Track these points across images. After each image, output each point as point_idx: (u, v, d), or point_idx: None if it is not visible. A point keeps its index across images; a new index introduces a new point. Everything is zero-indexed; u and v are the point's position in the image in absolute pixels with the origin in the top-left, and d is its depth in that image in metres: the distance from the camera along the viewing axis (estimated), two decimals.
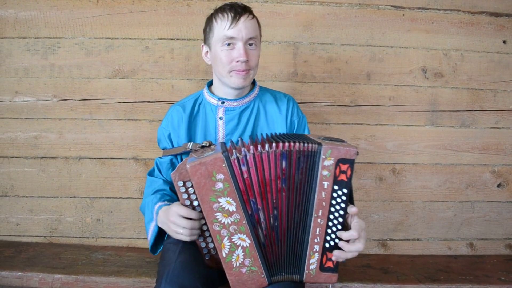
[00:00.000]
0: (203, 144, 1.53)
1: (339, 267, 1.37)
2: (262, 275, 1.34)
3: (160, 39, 2.09)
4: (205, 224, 1.40)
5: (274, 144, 1.30)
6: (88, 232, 2.13)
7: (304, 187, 1.33)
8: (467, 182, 2.19)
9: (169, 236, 1.56)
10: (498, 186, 2.20)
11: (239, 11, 1.55)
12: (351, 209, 1.32)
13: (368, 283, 1.71)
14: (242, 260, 1.33)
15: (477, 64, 2.17)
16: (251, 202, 1.32)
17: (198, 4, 2.06)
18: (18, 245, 2.04)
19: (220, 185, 1.28)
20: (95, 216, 2.13)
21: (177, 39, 2.09)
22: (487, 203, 2.21)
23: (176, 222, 1.38)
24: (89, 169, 2.11)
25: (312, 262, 1.35)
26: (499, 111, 2.18)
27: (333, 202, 1.31)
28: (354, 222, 1.33)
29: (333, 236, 1.34)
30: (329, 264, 1.35)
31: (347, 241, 1.33)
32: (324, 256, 1.35)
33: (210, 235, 1.41)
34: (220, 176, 1.28)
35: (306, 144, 1.30)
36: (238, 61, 1.54)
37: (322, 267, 1.35)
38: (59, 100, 2.10)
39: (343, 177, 1.30)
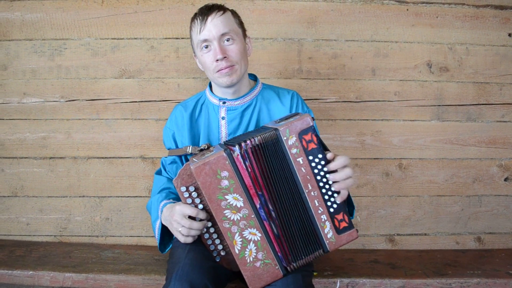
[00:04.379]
0: (201, 148, 1.55)
1: (347, 263, 1.39)
2: (276, 267, 1.37)
3: (165, 38, 2.10)
4: (212, 226, 1.42)
5: (253, 140, 1.34)
6: (98, 231, 2.16)
7: (285, 172, 1.36)
8: (474, 176, 2.19)
9: None
10: (506, 180, 2.20)
11: (205, 12, 1.58)
12: (328, 155, 1.38)
13: (376, 279, 1.71)
14: (255, 254, 1.35)
15: (482, 58, 2.16)
16: (259, 195, 1.35)
17: (202, 3, 2.03)
18: (28, 245, 2.07)
19: (225, 183, 1.31)
20: (104, 215, 2.15)
21: (182, 38, 2.10)
22: (495, 197, 2.20)
23: (178, 221, 1.41)
24: (97, 169, 2.13)
25: (327, 231, 1.38)
26: (505, 104, 2.17)
27: (316, 171, 1.36)
28: (336, 158, 1.38)
29: (332, 200, 1.39)
30: (343, 224, 1.40)
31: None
32: (335, 220, 1.39)
33: (218, 237, 1.43)
34: (225, 173, 1.31)
35: (266, 134, 1.35)
36: (217, 60, 1.56)
37: (338, 231, 1.39)
38: (66, 101, 2.12)
39: (312, 145, 1.35)
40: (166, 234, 1.60)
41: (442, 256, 2.01)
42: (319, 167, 1.36)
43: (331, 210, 1.38)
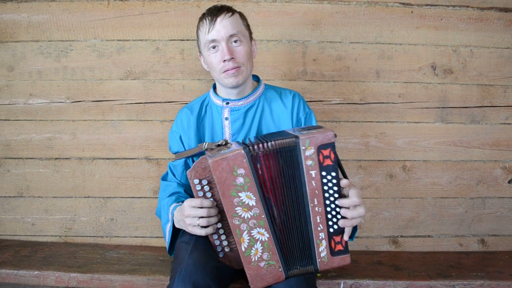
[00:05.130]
0: (219, 143, 1.53)
1: (351, 264, 1.40)
2: (280, 269, 1.37)
3: (171, 40, 2.11)
4: (220, 221, 1.42)
5: (271, 143, 1.34)
6: (102, 231, 2.17)
7: (295, 181, 1.37)
8: (477, 179, 2.19)
9: (182, 235, 1.59)
10: (510, 182, 2.20)
11: (214, 12, 1.58)
12: (343, 182, 1.36)
13: (379, 280, 1.71)
14: (260, 254, 1.36)
15: (486, 60, 2.16)
16: (267, 198, 1.35)
17: (207, 5, 2.05)
18: (34, 245, 2.08)
19: (240, 180, 1.32)
20: (109, 216, 2.16)
21: (187, 40, 2.11)
22: (498, 199, 2.20)
23: (191, 214, 1.40)
24: (102, 169, 2.15)
25: (322, 249, 1.38)
26: (509, 106, 2.17)
27: (325, 188, 1.35)
28: (350, 191, 1.36)
29: (334, 220, 1.37)
30: (339, 247, 1.39)
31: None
32: (332, 241, 1.38)
33: (224, 233, 1.44)
34: (241, 171, 1.31)
35: (285, 140, 1.34)
36: (225, 60, 1.57)
37: (332, 252, 1.39)
38: (72, 102, 2.13)
39: (328, 161, 1.34)
40: (176, 237, 1.61)
41: (445, 258, 2.00)
42: (330, 184, 1.35)
43: (331, 230, 1.38)
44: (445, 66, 2.15)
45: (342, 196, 1.38)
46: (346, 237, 1.38)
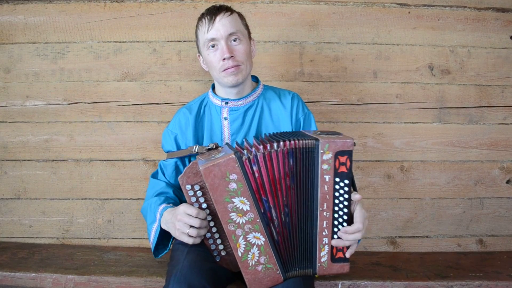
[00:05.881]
0: (209, 147, 1.53)
1: (351, 266, 1.41)
2: (278, 272, 1.37)
3: (168, 41, 2.11)
4: (215, 226, 1.42)
5: (281, 143, 1.33)
6: (100, 233, 2.16)
7: (307, 183, 1.35)
8: (475, 179, 2.19)
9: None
10: (507, 182, 2.19)
11: (213, 11, 1.59)
12: (355, 196, 1.36)
13: (377, 281, 1.71)
14: (257, 258, 1.35)
15: (484, 60, 2.16)
16: (263, 201, 1.34)
17: (204, 6, 2.05)
18: (31, 247, 2.08)
19: (233, 185, 1.31)
20: (106, 217, 2.16)
21: (184, 41, 2.11)
22: (496, 199, 2.20)
23: (184, 220, 1.37)
24: (99, 171, 2.14)
25: (323, 254, 1.38)
26: (507, 107, 2.17)
27: (336, 194, 1.35)
28: (356, 212, 1.36)
29: (340, 227, 1.37)
30: (340, 254, 1.39)
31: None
32: (334, 248, 1.38)
33: (219, 237, 1.43)
34: (234, 176, 1.30)
35: (305, 141, 1.34)
36: (224, 59, 1.57)
37: (333, 258, 1.38)
38: (69, 104, 2.13)
39: (343, 168, 1.33)
40: (162, 238, 1.58)
41: (443, 258, 2.00)
42: (341, 192, 1.34)
43: (335, 237, 1.37)
44: (442, 66, 2.15)
45: (350, 209, 1.37)
46: (348, 254, 1.38)
